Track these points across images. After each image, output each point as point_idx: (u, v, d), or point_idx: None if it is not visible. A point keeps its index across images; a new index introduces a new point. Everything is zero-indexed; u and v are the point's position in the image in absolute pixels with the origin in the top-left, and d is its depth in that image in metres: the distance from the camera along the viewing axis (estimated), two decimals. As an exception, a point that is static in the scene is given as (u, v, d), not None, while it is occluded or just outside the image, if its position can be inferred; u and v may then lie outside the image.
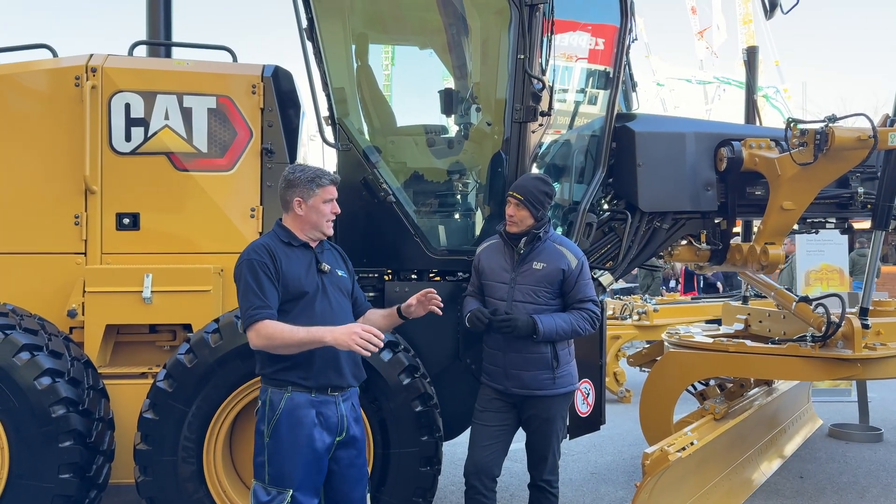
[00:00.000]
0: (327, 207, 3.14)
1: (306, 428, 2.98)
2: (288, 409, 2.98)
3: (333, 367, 3.03)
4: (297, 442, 2.97)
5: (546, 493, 3.64)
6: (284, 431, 2.97)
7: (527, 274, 3.58)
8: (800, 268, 8.43)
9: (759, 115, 5.87)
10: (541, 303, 3.56)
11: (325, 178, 3.14)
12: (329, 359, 3.01)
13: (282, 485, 2.97)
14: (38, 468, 3.54)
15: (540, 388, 3.54)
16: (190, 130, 4.22)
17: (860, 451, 6.17)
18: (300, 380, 2.99)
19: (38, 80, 4.24)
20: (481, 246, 3.82)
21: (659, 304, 8.54)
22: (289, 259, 3.06)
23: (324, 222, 3.14)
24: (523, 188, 3.63)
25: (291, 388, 2.99)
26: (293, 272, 3.03)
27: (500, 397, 3.63)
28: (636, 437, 5.90)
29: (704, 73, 28.55)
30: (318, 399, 3.01)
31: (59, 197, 4.18)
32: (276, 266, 3.01)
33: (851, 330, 4.44)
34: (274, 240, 3.11)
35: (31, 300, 4.03)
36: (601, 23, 5.54)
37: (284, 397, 2.99)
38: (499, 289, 3.63)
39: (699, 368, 5.11)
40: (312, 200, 3.11)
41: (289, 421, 2.97)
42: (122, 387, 3.97)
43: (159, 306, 4.03)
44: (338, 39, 4.54)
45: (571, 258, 3.60)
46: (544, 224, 3.64)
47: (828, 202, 4.93)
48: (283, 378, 3.00)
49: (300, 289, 3.03)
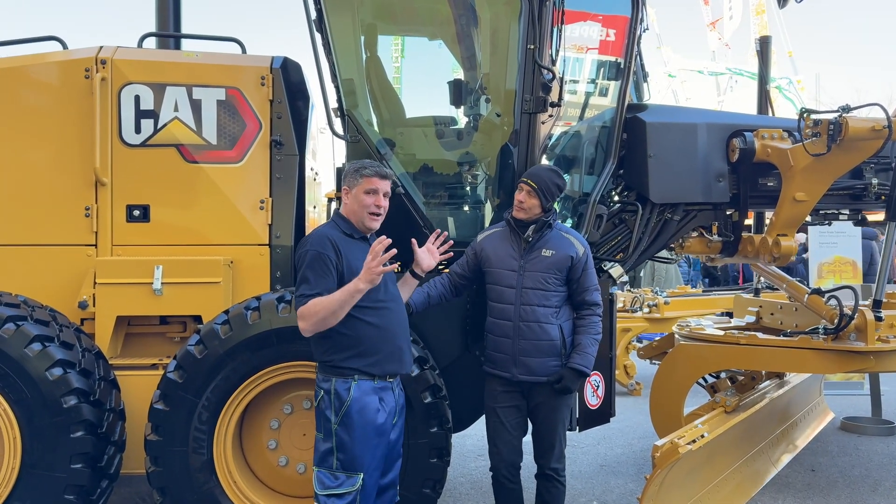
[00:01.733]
0: (369, 199, 3.19)
1: (373, 413, 3.12)
2: (356, 398, 3.10)
3: (397, 357, 3.21)
4: (366, 428, 3.11)
5: (554, 481, 3.67)
6: (355, 418, 3.09)
7: (536, 261, 3.61)
8: (813, 260, 8.36)
9: (771, 106, 5.82)
10: (549, 289, 3.60)
11: (369, 168, 3.23)
12: (395, 346, 3.19)
13: (352, 469, 3.09)
14: (49, 458, 3.57)
15: (547, 375, 3.57)
16: (199, 122, 4.22)
17: (872, 444, 6.13)
18: (366, 368, 3.12)
19: (48, 73, 4.26)
20: (482, 234, 3.83)
21: (670, 296, 8.50)
22: (352, 251, 3.15)
23: (365, 214, 3.21)
24: (537, 177, 3.66)
25: (358, 376, 3.10)
26: (356, 265, 3.10)
27: (507, 389, 3.65)
28: (646, 429, 5.88)
29: (716, 65, 28.36)
30: (380, 385, 3.16)
31: (69, 189, 4.20)
32: (339, 259, 3.10)
33: (864, 322, 4.40)
34: (335, 230, 3.20)
35: (42, 292, 4.06)
36: (612, 13, 5.50)
37: (352, 385, 3.10)
38: (507, 276, 3.64)
39: (710, 361, 5.08)
40: (356, 190, 3.21)
41: (358, 408, 3.09)
42: (132, 378, 3.99)
43: (169, 298, 4.05)
44: (347, 31, 4.52)
45: (578, 246, 3.67)
46: (552, 212, 3.69)
47: (841, 193, 4.88)
48: (349, 366, 3.11)
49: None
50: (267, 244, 4.27)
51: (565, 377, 3.56)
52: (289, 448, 3.85)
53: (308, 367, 3.61)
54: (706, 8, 28.84)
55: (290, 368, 3.71)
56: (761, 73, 5.99)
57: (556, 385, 3.56)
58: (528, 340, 3.57)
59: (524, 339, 3.58)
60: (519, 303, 3.60)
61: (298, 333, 3.34)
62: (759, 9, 26.73)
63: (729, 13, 27.42)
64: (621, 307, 8.17)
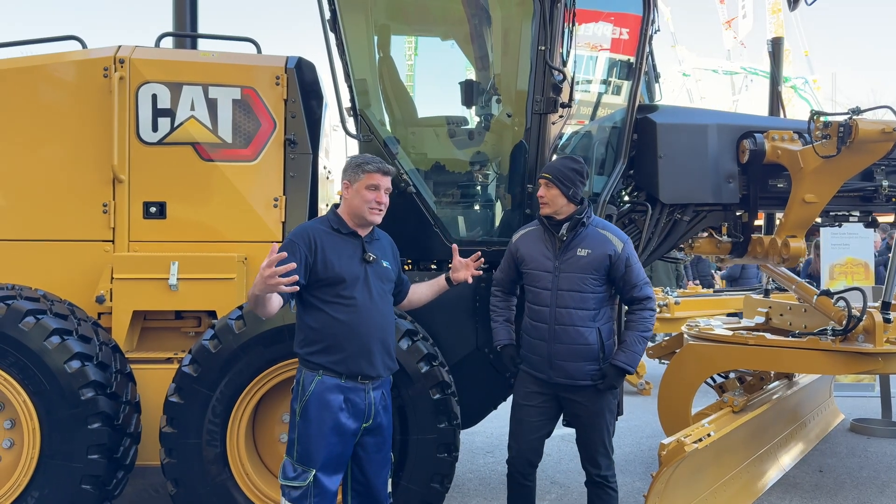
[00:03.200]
0: (370, 194, 3.16)
1: (332, 412, 3.06)
2: (317, 392, 3.07)
3: (365, 357, 3.11)
4: (322, 424, 3.06)
5: (606, 488, 3.56)
6: (313, 413, 3.06)
7: (571, 262, 3.49)
8: (824, 261, 8.33)
9: (783, 107, 5.81)
10: (587, 291, 3.47)
11: (371, 164, 3.21)
12: (361, 349, 3.10)
13: (307, 464, 3.06)
14: (67, 448, 3.65)
15: (585, 379, 3.49)
16: (215, 121, 4.29)
17: (882, 446, 6.12)
18: (331, 365, 3.08)
19: (67, 72, 4.34)
20: (518, 232, 3.75)
21: (680, 296, 8.50)
22: (333, 246, 3.13)
23: (366, 209, 3.17)
24: (552, 167, 3.60)
25: (322, 371, 3.09)
26: (332, 259, 3.10)
27: (540, 389, 3.59)
28: (655, 428, 5.91)
29: (731, 64, 28.20)
30: (348, 385, 3.09)
31: (87, 186, 4.28)
32: (311, 252, 3.08)
33: (873, 324, 4.41)
34: (323, 224, 3.21)
35: (60, 286, 4.14)
36: (624, 12, 5.52)
37: (315, 380, 3.08)
38: (542, 278, 3.54)
39: (718, 361, 5.09)
40: (357, 185, 3.18)
41: (317, 403, 3.06)
42: (148, 371, 4.07)
43: (185, 293, 4.12)
44: (360, 31, 4.57)
45: (617, 242, 3.51)
46: (586, 209, 3.56)
47: (851, 195, 4.89)
48: (315, 361, 3.10)
49: (337, 275, 3.10)
50: (280, 241, 4.33)
51: (608, 375, 3.45)
52: (300, 442, 3.91)
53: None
54: (721, 6, 28.68)
55: (302, 364, 3.76)
56: (773, 74, 5.99)
57: (599, 383, 3.46)
58: (563, 344, 3.47)
59: (559, 343, 3.47)
60: (554, 305, 3.49)
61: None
62: (774, 8, 26.55)
63: (743, 11, 27.26)
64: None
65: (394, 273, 3.36)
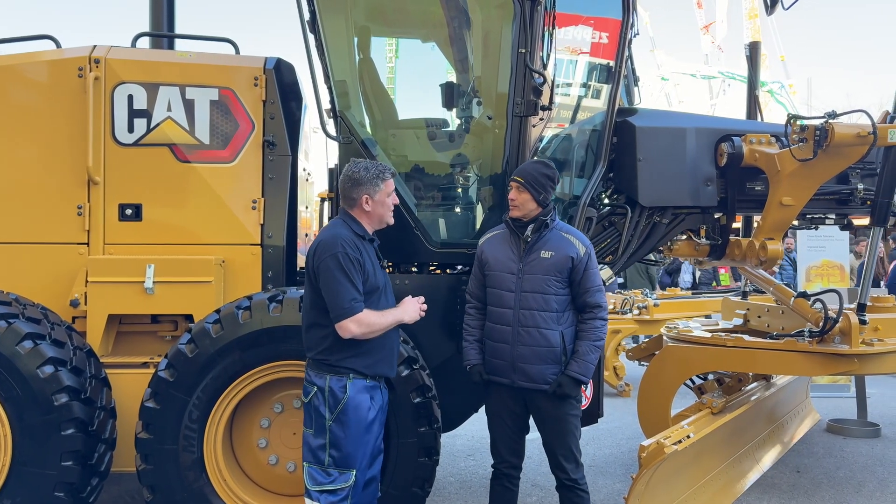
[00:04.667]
0: (391, 200, 3.38)
1: (365, 412, 3.20)
2: (352, 395, 3.17)
3: (390, 360, 3.35)
4: (359, 425, 3.18)
5: (576, 491, 3.57)
6: (351, 416, 3.16)
7: (535, 263, 3.52)
8: (801, 264, 8.44)
9: (760, 111, 5.87)
10: (550, 292, 3.50)
11: (387, 172, 3.36)
12: (390, 350, 3.33)
13: (346, 465, 3.15)
14: (40, 455, 3.58)
15: (546, 383, 3.50)
16: (192, 122, 4.24)
17: (858, 446, 6.20)
18: (363, 368, 3.20)
19: (41, 71, 4.27)
20: (484, 236, 3.78)
21: (659, 298, 8.56)
22: (367, 255, 3.25)
23: (389, 214, 3.39)
24: (523, 171, 3.62)
25: (353, 375, 3.17)
26: (369, 268, 3.23)
27: (507, 396, 3.60)
28: (634, 430, 5.93)
29: (709, 68, 28.55)
30: (371, 384, 3.25)
31: (62, 187, 4.21)
32: (362, 260, 3.19)
33: (849, 325, 4.46)
34: (349, 232, 3.26)
35: (34, 290, 4.07)
36: (604, 16, 5.54)
37: (347, 384, 3.17)
38: (506, 279, 3.56)
39: (697, 363, 5.13)
40: (379, 196, 3.32)
41: (354, 407, 3.17)
42: (123, 376, 4.01)
43: (161, 297, 4.07)
44: (340, 32, 4.55)
45: (579, 246, 3.55)
46: (550, 211, 3.60)
47: (827, 198, 4.94)
48: (346, 366, 3.18)
49: (375, 283, 3.24)
50: (259, 244, 4.30)
51: (563, 384, 3.47)
52: (279, 447, 3.88)
53: (298, 367, 3.62)
54: (700, 11, 29.02)
55: (281, 367, 3.73)
56: (751, 78, 6.04)
57: (554, 392, 3.49)
58: (526, 346, 3.48)
59: (523, 345, 3.48)
60: (518, 307, 3.51)
61: (289, 332, 3.36)
62: (751, 13, 26.89)
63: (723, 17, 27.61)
64: (611, 309, 8.23)
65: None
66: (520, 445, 3.68)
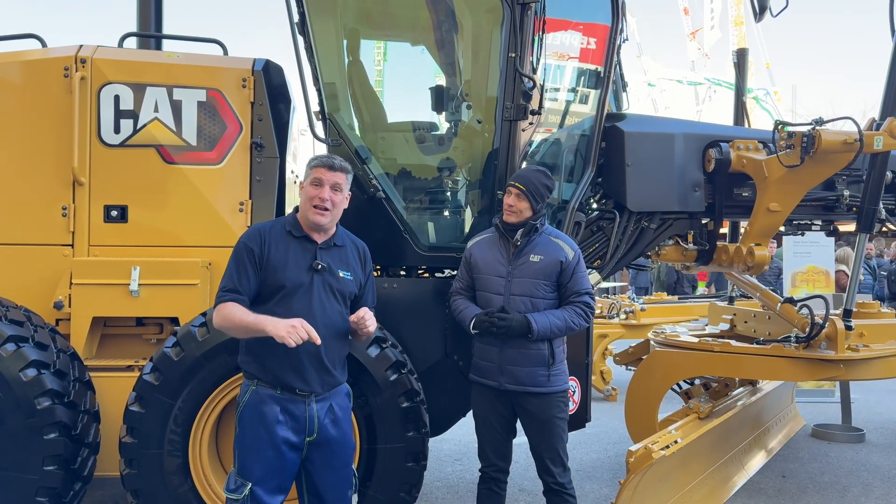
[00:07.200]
0: (314, 190, 2.95)
1: (268, 424, 2.90)
2: (251, 403, 2.94)
3: (295, 371, 2.91)
4: (257, 436, 2.91)
5: (563, 496, 3.56)
6: (247, 424, 2.93)
7: (524, 267, 3.52)
8: (787, 269, 8.49)
9: (747, 117, 5.92)
10: (538, 296, 3.50)
11: (318, 159, 3.02)
12: (287, 360, 2.90)
13: (244, 476, 2.93)
14: (22, 460, 3.52)
15: (535, 385, 3.49)
16: (179, 123, 4.20)
17: (842, 451, 6.24)
18: (262, 374, 2.95)
19: (26, 71, 4.21)
20: (472, 240, 3.76)
21: (646, 303, 8.59)
22: (285, 249, 2.97)
23: (309, 207, 2.96)
24: (526, 179, 3.57)
25: (257, 382, 2.96)
26: (278, 263, 2.94)
27: (494, 399, 3.59)
28: (622, 435, 5.94)
29: (696, 74, 28.73)
30: (285, 397, 2.93)
31: (46, 188, 4.15)
32: (263, 253, 2.94)
33: (835, 331, 4.49)
34: (277, 225, 3.05)
35: (17, 292, 4.01)
36: (593, 22, 5.56)
37: (250, 390, 2.97)
38: (494, 283, 3.56)
39: (684, 367, 5.15)
40: (306, 183, 3.00)
41: (251, 414, 2.93)
42: (108, 379, 3.96)
43: (146, 299, 4.02)
44: (329, 34, 4.53)
45: (568, 250, 3.56)
46: (541, 216, 3.61)
47: (814, 204, 4.99)
48: (249, 370, 2.99)
49: (278, 282, 2.94)
50: (246, 247, 4.26)
51: (514, 319, 3.39)
52: (265, 451, 3.84)
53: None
54: (686, 18, 29.22)
55: (268, 371, 3.69)
56: (738, 85, 6.09)
57: (496, 314, 3.40)
58: (514, 349, 3.47)
59: (511, 348, 3.48)
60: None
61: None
62: (737, 20, 27.12)
63: (711, 23, 27.81)
64: (598, 313, 8.25)
65: (354, 285, 3.10)
66: (507, 449, 3.67)
